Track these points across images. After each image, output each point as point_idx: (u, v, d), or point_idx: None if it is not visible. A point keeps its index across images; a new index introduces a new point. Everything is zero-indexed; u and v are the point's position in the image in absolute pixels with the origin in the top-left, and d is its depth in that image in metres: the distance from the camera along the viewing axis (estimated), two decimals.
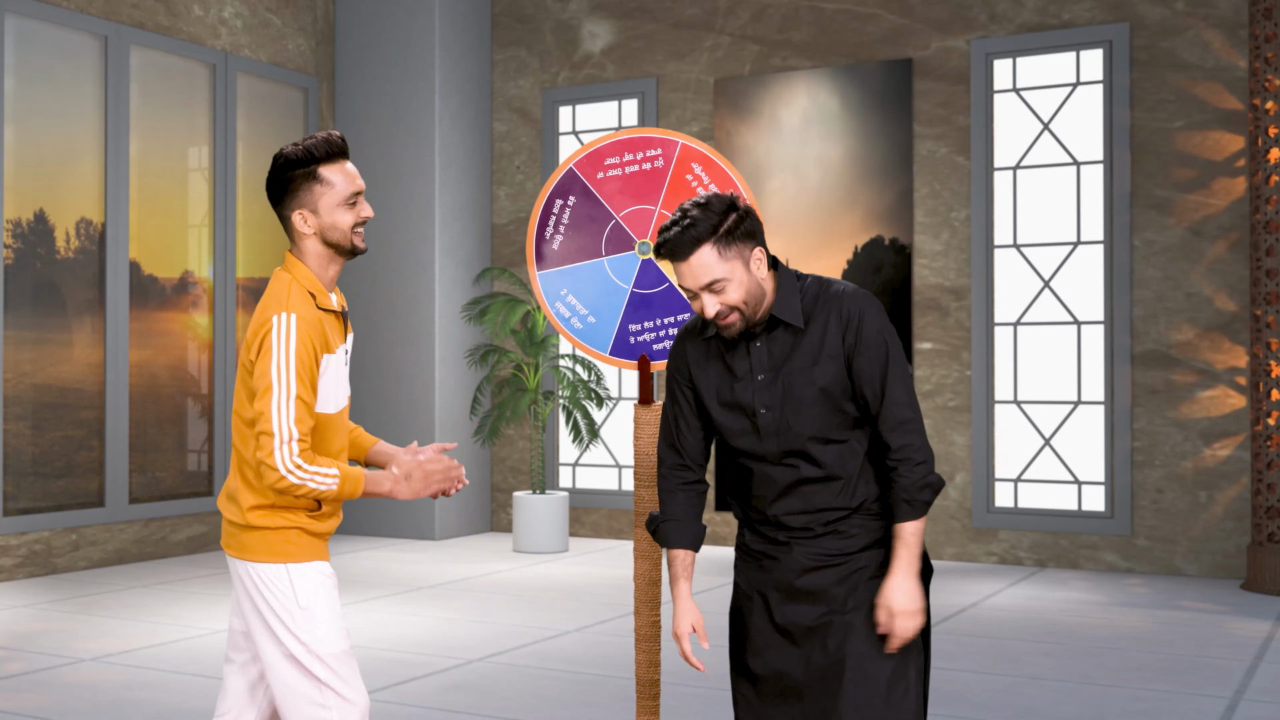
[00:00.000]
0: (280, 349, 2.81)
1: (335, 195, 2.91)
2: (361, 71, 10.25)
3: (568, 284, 3.84)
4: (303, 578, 2.91)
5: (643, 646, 3.66)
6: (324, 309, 2.92)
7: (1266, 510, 7.59)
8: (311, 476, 2.82)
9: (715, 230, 2.68)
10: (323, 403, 2.92)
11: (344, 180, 2.91)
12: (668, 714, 4.94)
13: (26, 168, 8.12)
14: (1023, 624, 6.69)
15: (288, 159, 2.90)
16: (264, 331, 2.83)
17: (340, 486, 2.85)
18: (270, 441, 2.79)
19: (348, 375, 3.01)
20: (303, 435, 2.82)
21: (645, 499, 3.71)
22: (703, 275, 2.69)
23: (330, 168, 2.91)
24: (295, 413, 2.81)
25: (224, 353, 9.39)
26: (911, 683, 2.80)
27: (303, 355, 2.83)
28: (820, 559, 2.85)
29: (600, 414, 10.17)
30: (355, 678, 2.94)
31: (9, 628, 6.55)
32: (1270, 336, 7.63)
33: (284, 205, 2.93)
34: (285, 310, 2.84)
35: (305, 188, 2.91)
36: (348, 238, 2.93)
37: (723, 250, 2.69)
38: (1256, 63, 7.70)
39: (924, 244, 8.97)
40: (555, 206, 3.85)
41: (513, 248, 10.43)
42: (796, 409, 2.78)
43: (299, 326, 2.83)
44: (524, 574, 8.35)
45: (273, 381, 2.80)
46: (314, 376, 2.86)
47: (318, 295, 2.91)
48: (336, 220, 2.91)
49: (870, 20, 9.18)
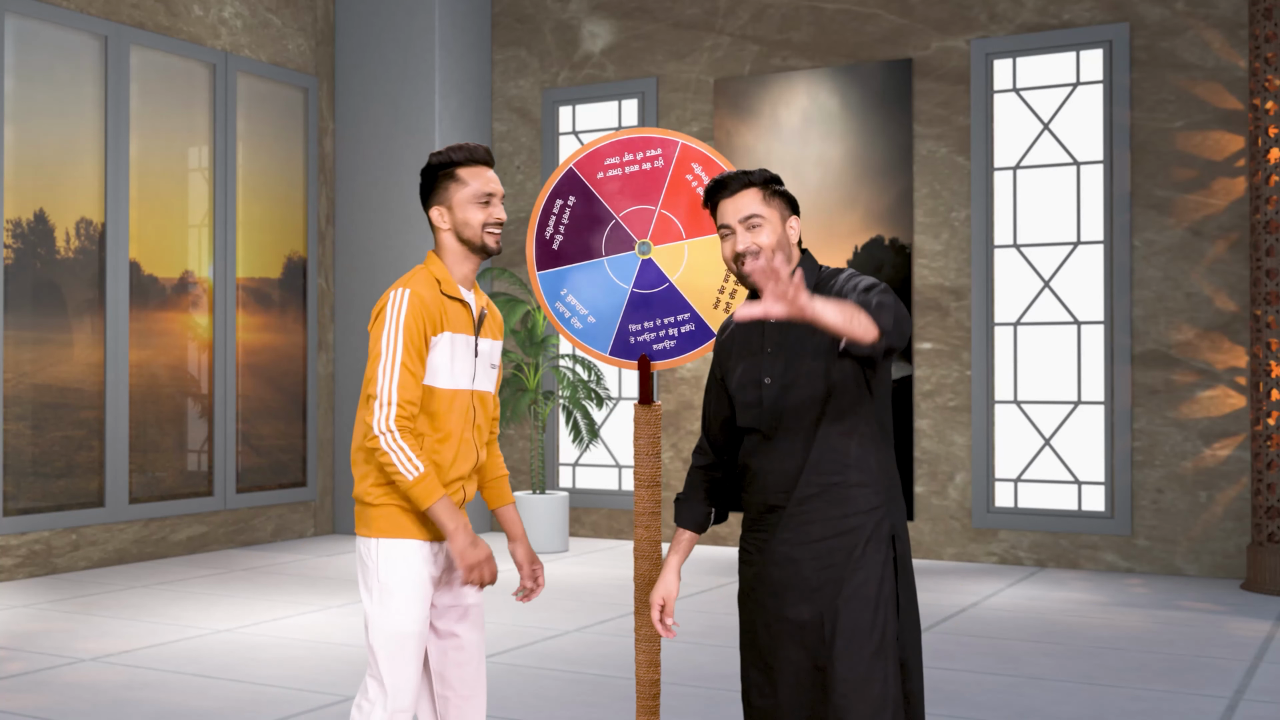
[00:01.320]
0: (391, 320, 3.03)
1: (469, 193, 3.13)
2: (361, 71, 10.25)
3: (568, 284, 3.84)
4: (389, 554, 3.08)
5: (643, 646, 3.66)
6: (449, 296, 3.12)
7: (1266, 510, 7.59)
8: (400, 450, 2.99)
9: (765, 181, 3.01)
10: (432, 376, 3.09)
11: (478, 181, 3.14)
12: (668, 714, 4.94)
13: (26, 168, 8.12)
14: (1023, 624, 6.69)
15: (432, 162, 3.16)
16: (381, 305, 3.07)
17: (416, 483, 2.99)
18: (373, 402, 3.01)
19: (475, 368, 3.19)
20: (403, 402, 3.01)
21: (645, 499, 3.71)
22: (744, 209, 2.97)
23: (468, 170, 3.15)
24: (400, 379, 3.01)
25: (224, 353, 9.39)
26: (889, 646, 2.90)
27: (410, 327, 3.03)
28: (799, 543, 2.92)
29: (600, 414, 10.17)
30: (406, 667, 3.06)
31: (9, 628, 6.55)
32: (1270, 336, 7.63)
33: (428, 205, 3.18)
34: (403, 287, 3.07)
35: (443, 185, 3.15)
36: (479, 234, 3.13)
37: (766, 198, 2.99)
38: (1256, 63, 7.70)
39: (924, 244, 8.97)
40: (555, 206, 3.85)
41: (513, 248, 10.43)
42: (795, 378, 2.92)
43: (410, 301, 3.04)
44: None
45: (382, 349, 3.03)
46: (421, 349, 3.04)
47: (443, 283, 3.12)
48: (469, 217, 3.13)
49: (870, 20, 9.18)
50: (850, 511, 2.91)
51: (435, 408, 3.09)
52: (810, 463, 2.91)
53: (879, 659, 2.87)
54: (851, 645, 2.87)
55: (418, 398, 3.04)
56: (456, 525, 3.01)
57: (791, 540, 2.93)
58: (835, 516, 2.91)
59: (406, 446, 2.99)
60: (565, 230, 3.84)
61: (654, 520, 3.71)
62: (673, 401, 9.76)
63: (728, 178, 3.00)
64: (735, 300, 3.74)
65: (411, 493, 2.99)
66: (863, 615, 2.87)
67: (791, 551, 2.93)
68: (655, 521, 3.71)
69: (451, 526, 3.01)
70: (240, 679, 5.49)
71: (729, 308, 3.74)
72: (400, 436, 2.99)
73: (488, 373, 3.24)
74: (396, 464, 2.98)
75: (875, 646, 2.87)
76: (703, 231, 3.76)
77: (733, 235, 2.98)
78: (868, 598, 2.88)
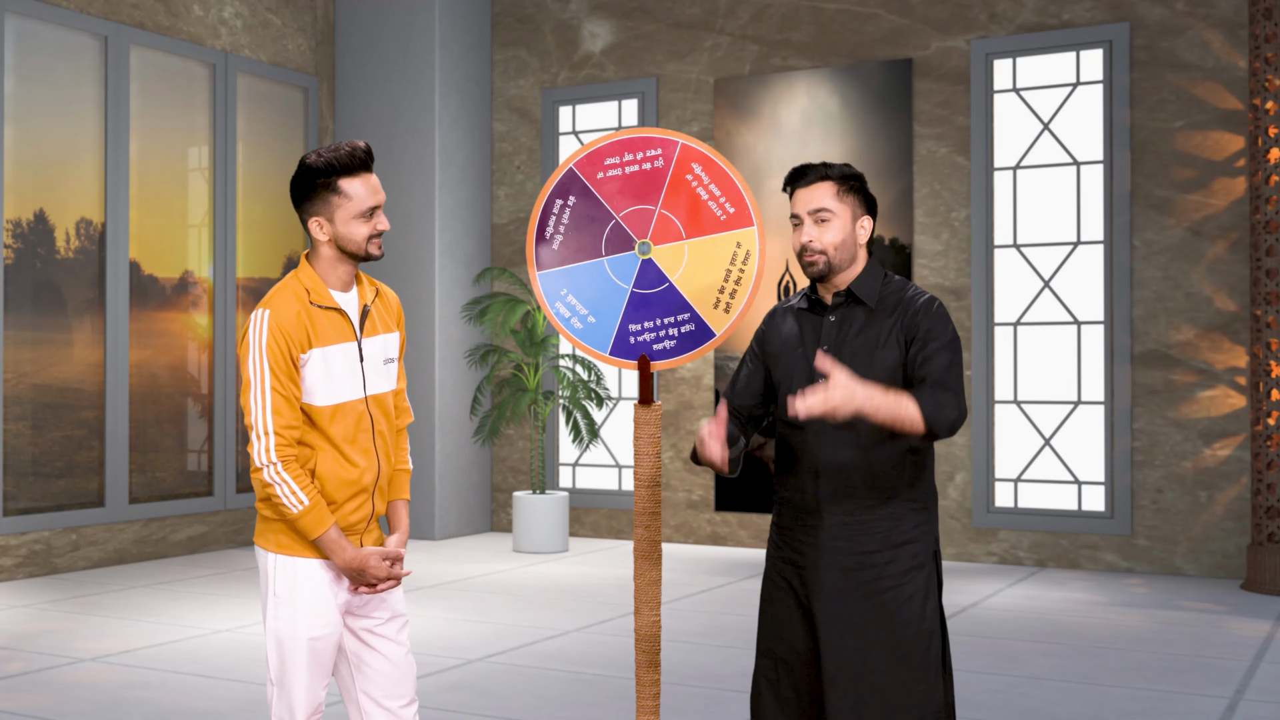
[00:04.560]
0: (254, 346, 2.89)
1: (352, 207, 2.94)
2: (361, 71, 10.25)
3: (567, 284, 3.83)
4: (283, 569, 2.99)
5: (643, 646, 3.66)
6: (321, 306, 2.95)
7: (1266, 510, 7.59)
8: (284, 483, 2.88)
9: (842, 177, 3.03)
10: (308, 394, 2.94)
11: (363, 193, 2.94)
12: (668, 714, 4.94)
13: (26, 168, 8.12)
14: (1023, 624, 6.69)
15: (310, 167, 2.93)
16: (244, 329, 2.92)
17: (302, 515, 2.89)
18: (251, 433, 2.88)
19: (363, 373, 3.03)
20: (279, 429, 2.87)
21: (645, 499, 3.71)
22: (815, 201, 3.00)
23: (351, 180, 2.94)
24: (272, 405, 2.87)
25: (224, 353, 9.39)
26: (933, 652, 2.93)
27: (273, 350, 2.87)
28: (848, 549, 2.93)
29: (600, 414, 10.17)
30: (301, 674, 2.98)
31: (9, 628, 6.55)
32: (1270, 336, 7.63)
33: (302, 210, 2.98)
34: (263, 308, 2.92)
35: (323, 197, 2.94)
36: (362, 248, 2.97)
37: (840, 194, 3.01)
38: (1256, 63, 7.70)
39: (924, 244, 8.97)
40: (555, 206, 3.84)
41: (513, 248, 10.43)
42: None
43: (270, 324, 2.88)
44: (524, 574, 8.35)
45: (250, 377, 2.89)
46: (289, 370, 2.89)
47: (313, 292, 2.95)
48: (351, 232, 2.95)
49: (870, 20, 9.18)
50: (902, 526, 2.92)
51: (320, 424, 2.96)
52: (863, 475, 2.92)
53: (923, 671, 2.88)
54: (900, 656, 2.88)
55: (297, 419, 2.91)
56: (340, 548, 2.94)
57: (843, 550, 2.93)
58: (888, 531, 2.92)
59: (290, 479, 2.87)
60: (565, 230, 3.84)
61: (654, 520, 3.71)
62: (673, 401, 9.76)
63: (807, 167, 3.03)
64: (735, 300, 3.74)
65: (298, 524, 2.90)
66: (911, 627, 2.88)
67: (843, 561, 2.93)
68: (655, 521, 3.71)
69: (335, 551, 2.94)
70: (240, 679, 5.49)
71: (729, 308, 3.74)
72: (283, 468, 2.87)
73: (381, 372, 3.07)
74: (281, 497, 2.88)
75: (920, 659, 2.89)
76: (703, 231, 3.76)
77: (801, 226, 3.01)
78: (915, 611, 2.90)
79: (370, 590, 3.00)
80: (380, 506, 3.08)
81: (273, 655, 2.99)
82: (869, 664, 2.88)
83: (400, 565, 3.05)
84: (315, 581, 2.98)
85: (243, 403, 2.90)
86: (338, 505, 2.99)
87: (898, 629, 2.88)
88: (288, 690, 2.99)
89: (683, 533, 9.70)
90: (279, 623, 2.98)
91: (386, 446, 3.07)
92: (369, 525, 3.07)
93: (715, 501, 9.54)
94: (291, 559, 2.97)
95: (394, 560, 3.03)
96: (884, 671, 2.87)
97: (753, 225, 3.71)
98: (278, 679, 3.00)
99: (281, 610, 2.97)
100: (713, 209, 3.73)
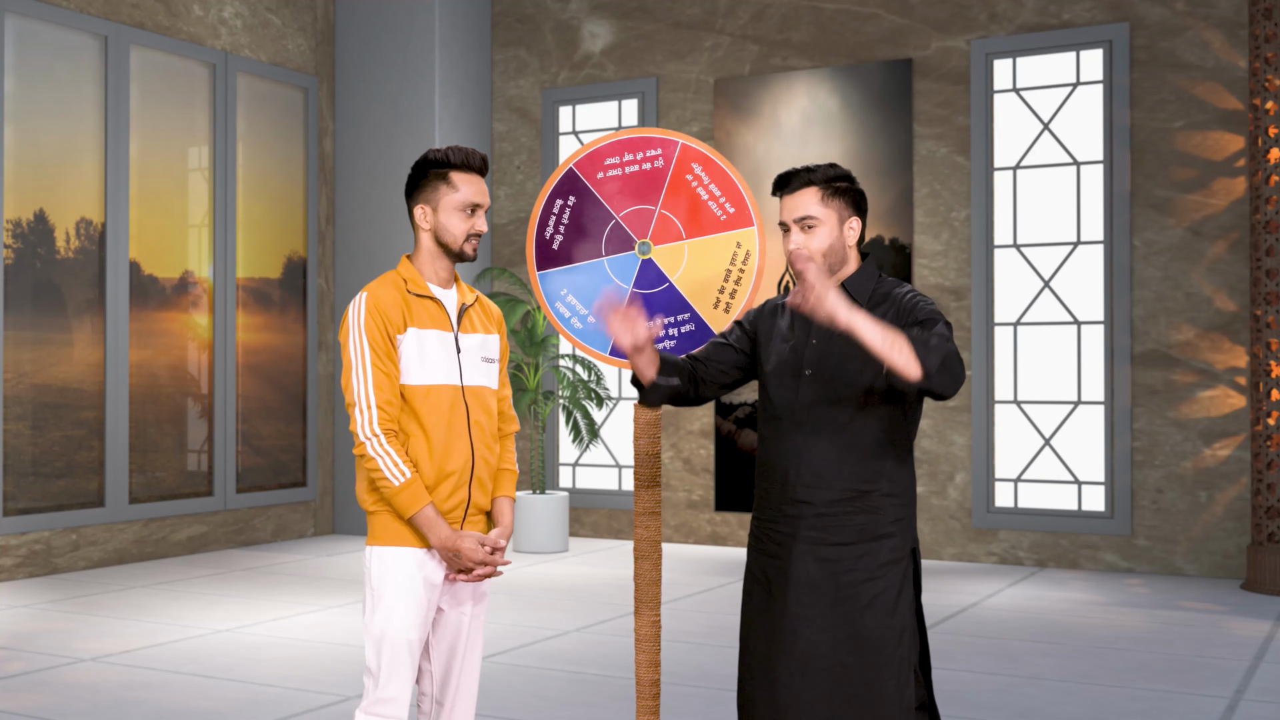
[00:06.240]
0: (353, 326, 3.03)
1: (457, 199, 3.08)
2: (361, 71, 10.25)
3: (568, 284, 3.83)
4: (381, 560, 3.07)
5: (643, 646, 3.66)
6: (417, 294, 3.08)
7: (1266, 510, 7.59)
8: (386, 455, 2.98)
9: (827, 180, 2.99)
10: (403, 374, 3.05)
11: (469, 189, 3.09)
12: (668, 714, 4.94)
13: (26, 168, 8.12)
14: (1023, 624, 6.69)
15: (427, 157, 3.10)
16: (345, 312, 3.06)
17: (401, 490, 2.97)
18: (353, 410, 3.00)
19: (459, 363, 3.13)
20: (381, 404, 2.99)
21: (645, 499, 3.71)
22: (800, 209, 2.98)
23: (461, 175, 3.09)
24: (374, 380, 2.99)
25: (224, 352, 9.39)
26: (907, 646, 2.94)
27: (371, 328, 3.01)
28: (824, 539, 2.92)
29: (600, 414, 10.17)
30: (399, 669, 3.04)
31: (9, 628, 6.55)
32: (1270, 336, 7.63)
33: (412, 199, 3.12)
34: (362, 291, 3.06)
35: (433, 185, 3.10)
36: (459, 242, 3.10)
37: (825, 199, 2.98)
38: (1256, 63, 7.70)
39: (924, 244, 8.97)
40: (555, 206, 3.84)
41: (513, 248, 10.43)
42: (835, 377, 2.94)
43: (367, 303, 3.02)
44: (524, 574, 8.35)
45: (351, 356, 3.02)
46: (387, 348, 3.02)
47: (410, 282, 3.09)
48: (451, 223, 3.09)
49: (870, 20, 9.18)
50: (880, 521, 2.92)
51: (413, 404, 3.05)
52: (843, 465, 2.92)
53: (894, 667, 2.88)
54: (870, 651, 2.88)
55: (396, 396, 3.02)
56: (436, 525, 3.01)
57: (819, 541, 2.93)
58: (864, 524, 2.91)
59: (393, 451, 2.97)
60: (565, 230, 3.84)
61: (654, 520, 3.71)
62: None
63: (791, 174, 3.02)
64: (735, 300, 3.74)
65: (397, 500, 2.97)
66: (882, 622, 2.88)
67: (818, 552, 2.93)
68: (655, 521, 3.71)
69: (431, 529, 3.01)
70: (240, 679, 5.49)
71: (729, 308, 3.74)
72: (386, 441, 2.98)
73: (479, 368, 3.16)
74: (383, 469, 2.97)
75: (893, 653, 2.88)
76: (702, 231, 3.76)
77: (789, 233, 3.01)
78: (888, 606, 2.89)
79: (467, 576, 3.06)
80: (480, 499, 3.14)
81: (369, 646, 3.07)
82: (839, 656, 2.88)
83: (500, 555, 3.12)
84: (410, 575, 3.05)
85: (343, 383, 3.01)
86: (431, 489, 3.05)
87: (869, 623, 2.88)
88: (379, 680, 3.06)
89: (683, 533, 9.70)
90: (374, 614, 3.06)
91: (485, 438, 3.14)
92: (465, 515, 3.12)
93: (715, 501, 9.54)
94: (390, 549, 3.05)
95: (493, 548, 3.10)
96: (853, 665, 2.87)
97: (753, 225, 3.71)
98: (374, 669, 3.07)
99: (380, 603, 3.05)
100: (713, 209, 3.74)
